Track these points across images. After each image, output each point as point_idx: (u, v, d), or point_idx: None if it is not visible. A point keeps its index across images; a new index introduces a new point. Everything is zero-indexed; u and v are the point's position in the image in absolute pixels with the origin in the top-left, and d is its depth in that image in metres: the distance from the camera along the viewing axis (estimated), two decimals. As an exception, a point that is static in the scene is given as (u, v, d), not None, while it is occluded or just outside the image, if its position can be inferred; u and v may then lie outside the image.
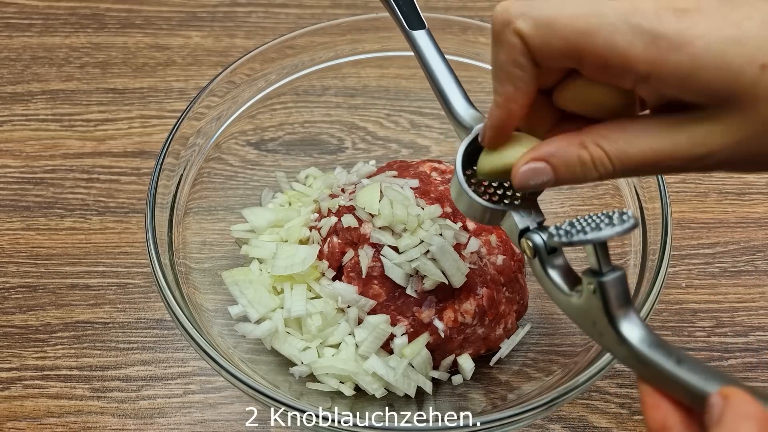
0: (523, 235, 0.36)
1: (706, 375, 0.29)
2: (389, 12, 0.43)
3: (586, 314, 0.33)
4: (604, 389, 0.55)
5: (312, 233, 0.53)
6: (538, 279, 0.36)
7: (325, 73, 0.62)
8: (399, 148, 0.66)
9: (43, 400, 0.54)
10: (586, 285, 0.32)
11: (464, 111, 0.38)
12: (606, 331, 0.32)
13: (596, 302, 0.32)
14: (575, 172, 0.33)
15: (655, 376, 0.30)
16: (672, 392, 0.30)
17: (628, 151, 0.32)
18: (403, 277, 0.49)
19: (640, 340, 0.31)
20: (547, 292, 0.36)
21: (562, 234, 0.32)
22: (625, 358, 0.32)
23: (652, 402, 0.30)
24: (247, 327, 0.51)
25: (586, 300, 0.33)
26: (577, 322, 0.34)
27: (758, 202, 0.65)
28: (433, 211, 0.49)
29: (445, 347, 0.50)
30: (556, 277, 0.35)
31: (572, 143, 0.33)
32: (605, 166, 0.32)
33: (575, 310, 0.34)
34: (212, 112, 0.57)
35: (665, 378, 0.30)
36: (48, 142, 0.69)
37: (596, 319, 0.32)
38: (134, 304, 0.59)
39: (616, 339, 0.32)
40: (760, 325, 0.58)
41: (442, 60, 0.40)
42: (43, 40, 0.77)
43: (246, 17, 0.79)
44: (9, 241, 0.62)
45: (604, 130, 0.32)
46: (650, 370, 0.31)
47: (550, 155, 0.33)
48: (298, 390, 0.50)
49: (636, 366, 0.31)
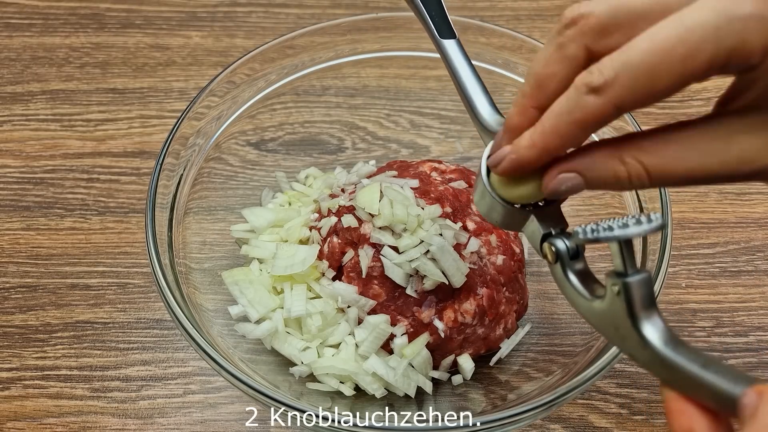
0: (546, 240, 0.35)
1: (735, 377, 0.28)
2: (420, 19, 0.43)
3: (608, 319, 0.32)
4: (604, 389, 0.55)
5: (312, 233, 0.53)
6: (559, 285, 0.35)
7: (325, 73, 0.62)
8: (399, 148, 0.66)
9: (43, 400, 0.54)
10: (610, 287, 0.32)
11: (489, 116, 0.38)
12: (629, 335, 0.31)
13: (620, 305, 0.31)
14: (607, 184, 0.31)
15: (680, 380, 0.29)
16: (698, 396, 0.29)
17: (671, 169, 0.30)
18: (403, 277, 0.49)
19: (664, 344, 0.30)
20: (568, 299, 0.35)
21: (589, 232, 0.31)
22: (649, 363, 0.31)
23: (677, 407, 0.29)
24: (247, 327, 0.51)
25: (609, 304, 0.32)
26: (598, 328, 0.34)
27: (758, 202, 0.65)
28: (433, 211, 0.49)
29: (445, 347, 0.50)
30: (577, 283, 0.34)
31: (611, 158, 0.31)
32: (642, 181, 0.31)
33: (597, 316, 0.33)
34: (212, 112, 0.57)
35: (691, 381, 0.29)
36: (48, 142, 0.69)
37: (619, 324, 0.32)
38: (134, 304, 0.59)
39: (639, 343, 0.31)
40: (760, 325, 0.58)
41: (469, 67, 0.41)
42: (43, 40, 0.77)
43: (246, 17, 0.79)
44: (9, 241, 0.62)
45: (646, 143, 0.31)
46: (675, 374, 0.30)
47: (585, 169, 0.31)
48: (298, 390, 0.50)
49: (660, 371, 0.30)
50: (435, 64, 0.63)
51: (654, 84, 0.28)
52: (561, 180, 0.32)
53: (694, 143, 0.30)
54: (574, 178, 0.32)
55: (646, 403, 0.54)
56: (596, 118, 0.30)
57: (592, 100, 0.29)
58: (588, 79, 0.29)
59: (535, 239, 0.36)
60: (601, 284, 0.34)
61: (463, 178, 0.55)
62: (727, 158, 0.29)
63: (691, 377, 0.29)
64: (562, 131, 0.31)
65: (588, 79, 0.29)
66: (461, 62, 0.41)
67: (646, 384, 0.55)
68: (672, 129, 0.31)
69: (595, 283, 0.35)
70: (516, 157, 0.33)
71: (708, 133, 0.30)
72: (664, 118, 0.71)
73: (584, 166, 0.31)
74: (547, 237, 0.36)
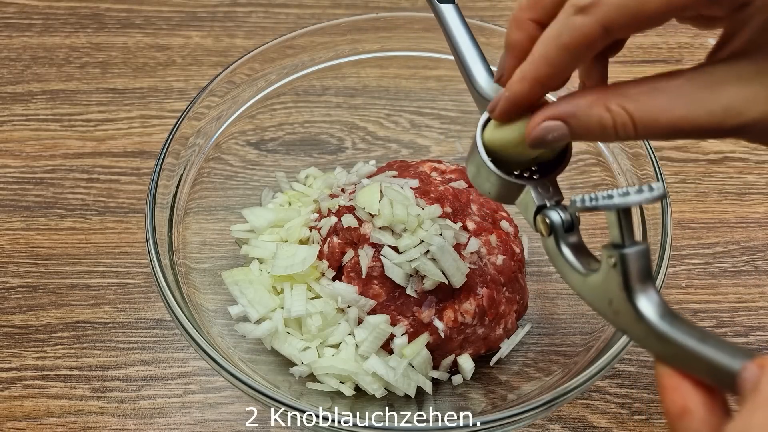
0: (540, 212, 0.34)
1: (733, 351, 0.27)
2: None
3: (602, 292, 0.31)
4: (604, 389, 0.55)
5: (312, 233, 0.53)
6: (552, 259, 0.35)
7: (325, 73, 0.62)
8: (399, 148, 0.66)
9: (43, 400, 0.54)
10: (606, 259, 0.31)
11: (486, 84, 0.38)
12: (623, 309, 0.30)
13: (615, 277, 0.30)
14: (592, 133, 0.30)
15: (676, 355, 0.28)
16: (694, 371, 0.28)
17: (656, 118, 0.29)
18: (403, 277, 0.49)
19: (660, 317, 0.29)
20: (560, 272, 0.34)
21: (587, 200, 0.30)
22: (644, 338, 0.30)
23: (671, 384, 0.28)
24: (247, 327, 0.51)
25: (603, 276, 0.31)
26: (591, 303, 0.33)
27: (758, 202, 0.65)
28: (433, 211, 0.49)
29: (445, 347, 0.50)
30: (570, 256, 0.33)
31: (596, 104, 0.30)
32: (627, 131, 0.29)
33: (590, 290, 0.32)
34: (212, 112, 0.57)
35: (687, 356, 0.28)
36: (48, 142, 0.69)
37: (613, 297, 0.30)
38: (134, 304, 0.59)
39: (633, 317, 0.30)
40: (760, 325, 0.58)
41: (467, 34, 0.40)
42: (43, 40, 0.77)
43: (246, 17, 0.79)
44: (9, 241, 0.62)
45: (632, 91, 0.29)
46: (671, 348, 0.28)
47: (569, 115, 0.30)
48: (298, 390, 0.50)
49: (655, 345, 0.29)
50: (435, 64, 0.63)
51: (642, 4, 0.27)
52: (545, 128, 0.31)
53: (681, 92, 0.29)
54: (559, 127, 0.31)
55: (646, 403, 0.54)
56: (584, 40, 0.29)
57: (579, 20, 0.28)
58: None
59: (528, 211, 0.35)
60: (596, 259, 0.33)
61: (463, 178, 0.55)
62: (714, 108, 0.28)
63: (688, 351, 0.28)
64: (551, 57, 0.30)
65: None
66: (459, 28, 0.40)
67: (646, 384, 0.55)
68: (660, 78, 0.30)
69: (590, 257, 0.34)
70: (509, 94, 0.32)
71: (696, 82, 0.29)
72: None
73: (569, 113, 0.30)
74: (542, 209, 0.35)
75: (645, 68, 0.75)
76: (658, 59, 0.76)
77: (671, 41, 0.78)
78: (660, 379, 0.28)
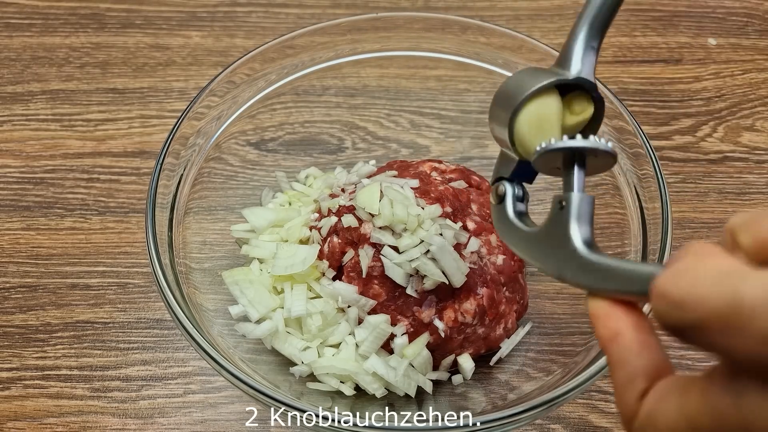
0: (496, 182, 0.38)
1: (651, 264, 0.29)
2: None
3: (543, 241, 0.34)
4: (604, 389, 0.55)
5: (312, 233, 0.53)
6: (497, 224, 0.37)
7: (325, 73, 0.62)
8: (399, 148, 0.66)
9: (43, 400, 0.54)
10: (554, 205, 0.33)
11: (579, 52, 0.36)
12: (561, 247, 0.32)
13: (559, 219, 0.33)
14: None
15: (607, 280, 0.30)
16: (623, 292, 0.29)
17: None
18: (403, 277, 0.49)
19: (589, 248, 0.32)
20: (503, 236, 0.37)
21: (542, 144, 0.33)
22: (578, 273, 0.31)
23: (603, 312, 0.30)
24: (248, 327, 0.51)
25: (548, 223, 0.34)
26: (530, 255, 0.35)
27: (758, 202, 0.65)
28: (433, 211, 0.49)
29: (445, 347, 0.50)
30: (515, 218, 0.37)
31: None
32: None
33: (531, 241, 0.35)
34: (212, 112, 0.57)
35: (616, 275, 0.30)
36: (48, 142, 0.69)
37: (554, 241, 0.33)
38: (134, 304, 0.59)
39: (569, 254, 0.32)
40: (760, 324, 0.58)
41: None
42: (43, 40, 0.77)
43: (246, 17, 0.79)
44: (9, 241, 0.62)
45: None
46: (601, 275, 0.30)
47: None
48: (299, 390, 0.50)
49: (587, 278, 0.31)
50: (435, 64, 0.63)
51: None
52: None
53: None
54: None
55: (646, 403, 0.54)
56: None
57: None
58: None
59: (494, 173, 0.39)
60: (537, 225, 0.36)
61: (463, 178, 0.55)
62: None
63: (616, 270, 0.30)
64: None
65: None
66: None
67: (646, 384, 0.55)
68: None
69: (533, 224, 0.36)
70: None
71: None
72: (663, 117, 0.71)
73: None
74: (500, 179, 0.38)
75: (645, 68, 0.75)
76: (658, 59, 0.76)
77: (671, 41, 0.78)
78: (592, 311, 0.30)
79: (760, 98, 0.73)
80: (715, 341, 0.23)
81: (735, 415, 0.24)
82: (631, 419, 0.28)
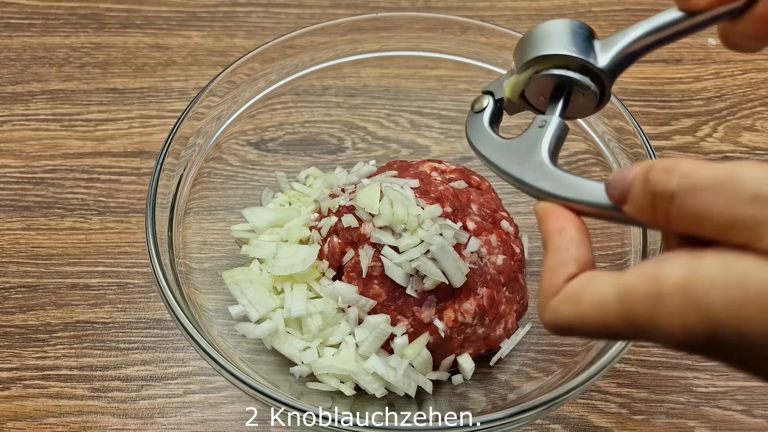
0: (484, 93, 0.42)
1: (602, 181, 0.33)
2: None
3: (515, 151, 0.38)
4: (604, 389, 0.55)
5: (312, 233, 0.53)
6: (470, 130, 0.41)
7: (325, 73, 0.62)
8: (399, 148, 0.66)
9: (43, 400, 0.54)
10: (535, 122, 0.38)
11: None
12: (531, 158, 0.37)
13: (536, 134, 0.37)
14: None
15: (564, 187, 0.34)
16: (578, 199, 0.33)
17: None
18: (403, 277, 0.49)
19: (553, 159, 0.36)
20: (473, 143, 0.41)
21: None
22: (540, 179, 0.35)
23: (554, 212, 0.34)
24: (248, 327, 0.51)
25: (523, 136, 0.38)
26: (498, 162, 0.38)
27: (758, 201, 0.65)
28: (433, 211, 0.49)
29: (445, 347, 0.50)
30: (489, 128, 0.41)
31: None
32: None
33: (503, 150, 0.39)
34: (212, 112, 0.57)
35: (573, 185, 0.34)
36: (48, 142, 0.69)
37: (527, 152, 0.37)
38: (134, 304, 0.59)
39: (537, 165, 0.36)
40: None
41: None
42: (43, 40, 0.77)
43: (246, 17, 0.79)
44: (9, 241, 0.62)
45: None
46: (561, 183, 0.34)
47: None
48: (299, 390, 0.50)
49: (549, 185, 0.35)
50: (435, 64, 0.63)
51: None
52: None
53: None
54: None
55: (646, 403, 0.54)
56: None
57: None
58: None
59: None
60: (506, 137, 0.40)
61: (463, 178, 0.55)
62: None
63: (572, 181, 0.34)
64: None
65: None
66: None
67: (646, 384, 0.55)
68: None
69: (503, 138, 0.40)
70: None
71: None
72: (663, 117, 0.71)
73: None
74: (486, 93, 0.42)
75: (644, 68, 0.75)
76: (658, 59, 0.76)
77: (671, 41, 0.78)
78: (543, 208, 0.34)
79: (760, 98, 0.73)
80: (704, 201, 0.27)
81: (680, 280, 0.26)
82: (551, 296, 0.31)
